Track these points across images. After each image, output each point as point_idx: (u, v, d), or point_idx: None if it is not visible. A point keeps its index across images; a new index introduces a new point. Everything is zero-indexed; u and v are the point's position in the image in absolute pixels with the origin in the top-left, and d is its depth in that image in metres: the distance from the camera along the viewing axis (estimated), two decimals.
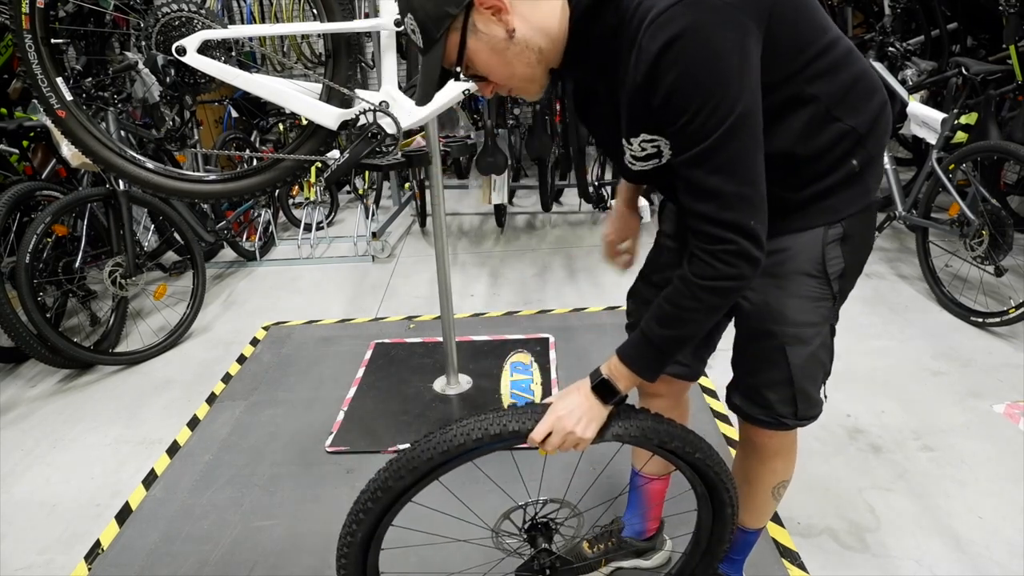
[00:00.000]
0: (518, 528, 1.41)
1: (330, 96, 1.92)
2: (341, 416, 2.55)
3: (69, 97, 1.90)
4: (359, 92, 1.92)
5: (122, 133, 3.12)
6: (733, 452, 2.18)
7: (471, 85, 1.71)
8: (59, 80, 1.88)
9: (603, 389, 1.17)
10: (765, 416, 1.35)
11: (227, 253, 4.29)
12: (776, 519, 1.93)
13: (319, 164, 2.02)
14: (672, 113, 0.99)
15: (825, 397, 1.40)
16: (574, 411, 1.16)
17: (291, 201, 4.83)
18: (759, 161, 1.03)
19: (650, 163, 1.14)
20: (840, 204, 1.19)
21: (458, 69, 1.08)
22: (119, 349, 3.14)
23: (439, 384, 2.72)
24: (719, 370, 1.51)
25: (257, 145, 4.60)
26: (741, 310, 1.30)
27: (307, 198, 4.72)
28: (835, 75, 1.11)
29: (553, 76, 1.13)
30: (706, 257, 1.05)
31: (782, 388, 1.31)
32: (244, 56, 4.22)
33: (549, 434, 1.16)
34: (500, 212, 4.54)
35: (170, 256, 3.72)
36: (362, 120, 1.93)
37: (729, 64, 0.95)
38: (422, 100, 1.16)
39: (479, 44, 1.05)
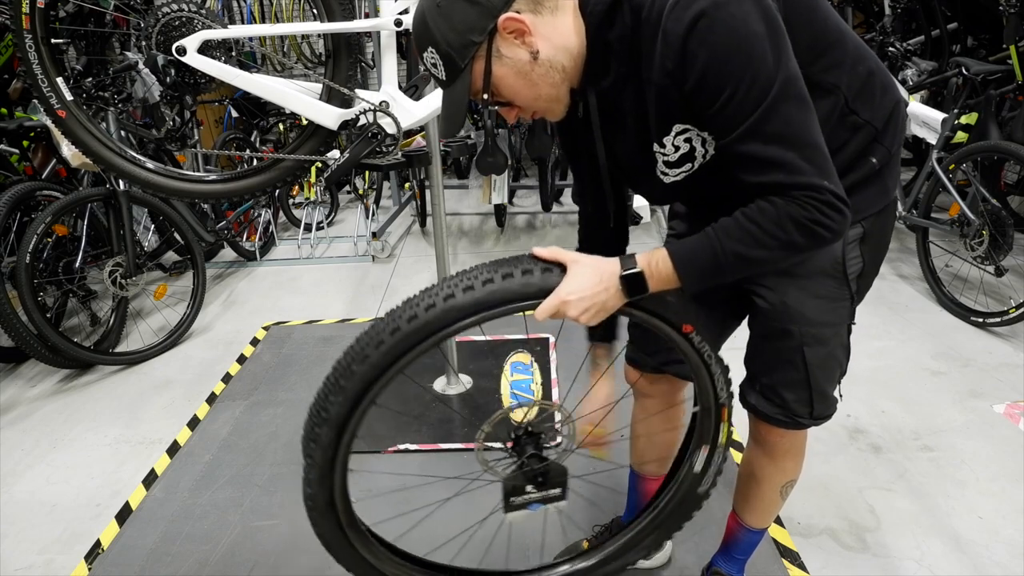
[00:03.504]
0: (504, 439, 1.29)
1: (330, 96, 1.92)
2: None
3: (69, 97, 1.90)
4: (359, 92, 1.92)
5: (122, 133, 3.12)
6: (735, 453, 2.19)
7: None
8: (59, 80, 1.88)
9: (631, 282, 1.06)
10: (781, 415, 1.35)
11: (227, 253, 4.29)
12: (776, 519, 1.93)
13: (319, 164, 2.02)
14: (710, 93, 0.96)
15: (840, 396, 1.40)
16: (585, 299, 1.05)
17: (291, 201, 4.84)
18: (814, 122, 0.99)
19: (684, 168, 1.11)
20: (861, 204, 1.17)
21: (485, 96, 1.06)
22: (119, 349, 3.13)
23: (439, 384, 2.72)
24: None
25: (257, 145, 4.60)
26: (758, 309, 1.29)
27: (307, 198, 4.72)
28: (852, 66, 1.11)
29: (574, 97, 1.12)
30: (801, 199, 0.98)
31: (799, 388, 1.31)
32: (244, 56, 4.22)
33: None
34: (500, 212, 4.54)
35: (170, 256, 3.72)
36: (362, 120, 1.93)
37: (758, 33, 0.94)
38: (447, 133, 1.13)
39: (504, 69, 1.04)
